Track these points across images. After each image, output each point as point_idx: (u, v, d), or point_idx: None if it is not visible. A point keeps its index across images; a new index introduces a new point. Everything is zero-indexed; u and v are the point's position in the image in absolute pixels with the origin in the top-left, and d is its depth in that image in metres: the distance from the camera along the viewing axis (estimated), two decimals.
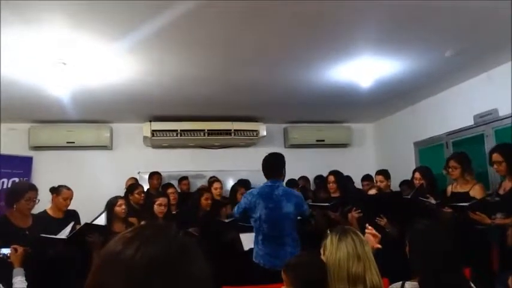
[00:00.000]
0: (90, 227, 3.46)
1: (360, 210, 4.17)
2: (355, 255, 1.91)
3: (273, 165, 3.62)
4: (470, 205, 3.45)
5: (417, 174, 4.26)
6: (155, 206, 4.02)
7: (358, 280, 1.87)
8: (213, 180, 5.45)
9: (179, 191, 5.69)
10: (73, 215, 3.87)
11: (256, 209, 3.45)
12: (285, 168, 3.65)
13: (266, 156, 3.67)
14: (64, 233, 3.39)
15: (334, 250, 1.94)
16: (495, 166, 3.55)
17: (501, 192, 3.56)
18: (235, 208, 3.70)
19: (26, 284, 2.68)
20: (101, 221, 3.62)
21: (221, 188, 5.11)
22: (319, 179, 6.23)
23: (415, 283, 1.96)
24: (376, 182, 4.74)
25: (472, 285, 1.98)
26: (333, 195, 4.65)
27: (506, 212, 3.26)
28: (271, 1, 2.81)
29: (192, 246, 0.72)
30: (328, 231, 2.04)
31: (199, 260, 0.71)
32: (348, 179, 5.85)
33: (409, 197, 3.96)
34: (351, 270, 1.88)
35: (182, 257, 0.69)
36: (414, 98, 5.74)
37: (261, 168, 3.65)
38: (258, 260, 3.43)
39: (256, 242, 3.50)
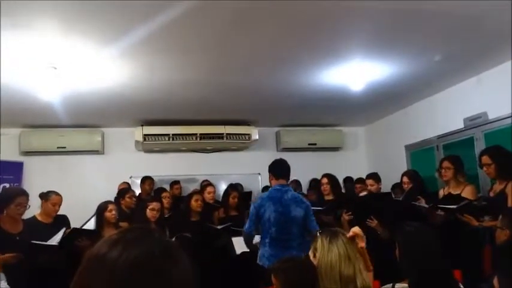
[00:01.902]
0: (79, 231, 3.44)
1: (351, 213, 4.19)
2: (346, 257, 1.92)
3: (285, 167, 3.69)
4: (458, 207, 3.48)
5: (405, 178, 4.32)
6: (148, 211, 4.00)
7: (350, 281, 1.88)
8: (206, 184, 5.45)
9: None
10: (63, 220, 3.81)
11: (266, 212, 3.50)
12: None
13: (277, 160, 3.76)
14: (55, 239, 3.36)
15: (325, 252, 1.94)
16: (485, 168, 3.58)
17: (492, 194, 3.59)
18: (246, 226, 3.60)
19: None
20: (91, 226, 3.60)
21: (214, 192, 5.11)
22: (315, 181, 6.24)
23: (405, 285, 1.97)
24: (367, 185, 4.78)
25: (461, 286, 2.00)
26: (326, 197, 4.66)
27: (494, 214, 3.28)
28: (262, 2, 2.82)
29: (175, 248, 0.73)
30: (318, 234, 2.05)
31: (182, 262, 0.72)
32: (349, 179, 5.89)
33: (400, 199, 3.99)
34: (343, 272, 1.88)
35: (165, 260, 0.70)
36: (405, 101, 5.78)
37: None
38: (262, 262, 3.47)
39: (263, 244, 3.54)
